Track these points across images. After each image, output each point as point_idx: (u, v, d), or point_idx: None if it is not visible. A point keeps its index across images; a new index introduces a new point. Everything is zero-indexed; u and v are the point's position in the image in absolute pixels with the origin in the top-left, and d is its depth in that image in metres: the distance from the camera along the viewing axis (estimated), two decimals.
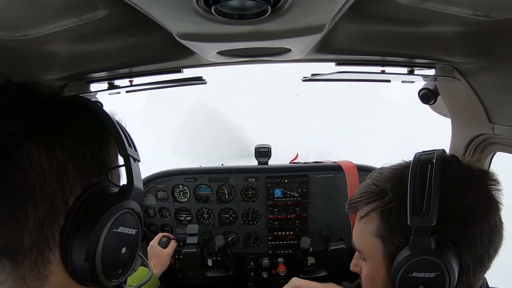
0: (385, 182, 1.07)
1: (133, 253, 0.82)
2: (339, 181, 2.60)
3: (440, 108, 1.99)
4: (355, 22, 1.29)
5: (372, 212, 1.07)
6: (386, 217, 1.03)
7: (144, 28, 1.18)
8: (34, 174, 0.67)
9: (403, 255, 0.96)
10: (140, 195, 0.83)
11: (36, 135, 0.68)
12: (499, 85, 1.42)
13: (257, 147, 2.75)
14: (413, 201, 0.94)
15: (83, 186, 0.74)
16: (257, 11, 0.86)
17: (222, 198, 2.67)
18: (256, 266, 2.72)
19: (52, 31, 1.01)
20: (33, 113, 0.72)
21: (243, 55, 1.44)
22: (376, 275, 1.08)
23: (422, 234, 0.93)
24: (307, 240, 2.42)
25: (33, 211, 0.67)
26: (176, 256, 2.62)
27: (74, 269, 0.72)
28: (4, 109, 0.70)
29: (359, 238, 1.14)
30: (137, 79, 1.73)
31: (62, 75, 1.43)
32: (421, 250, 0.94)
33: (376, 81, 1.93)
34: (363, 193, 1.12)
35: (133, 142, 0.87)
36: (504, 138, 1.56)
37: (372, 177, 1.14)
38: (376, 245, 1.06)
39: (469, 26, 1.22)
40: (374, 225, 1.06)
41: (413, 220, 0.94)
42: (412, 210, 0.94)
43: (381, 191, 1.06)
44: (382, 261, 1.05)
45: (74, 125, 0.77)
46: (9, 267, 0.69)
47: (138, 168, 0.85)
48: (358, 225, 1.15)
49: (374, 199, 1.07)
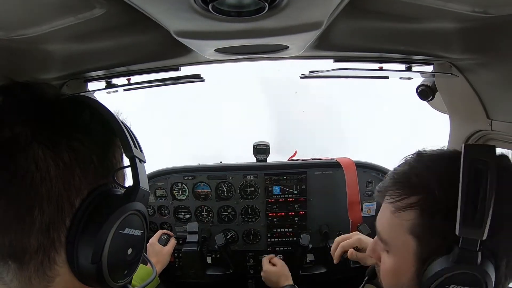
0: (428, 175, 0.95)
1: (138, 254, 0.82)
2: (338, 178, 2.61)
3: (438, 105, 1.99)
4: (353, 19, 1.29)
5: (410, 208, 0.96)
6: (428, 217, 0.93)
7: (142, 27, 1.18)
8: (41, 176, 0.67)
9: (443, 264, 0.89)
10: (146, 197, 0.83)
11: (42, 137, 0.68)
12: (497, 81, 1.42)
13: (255, 144, 2.75)
14: (465, 208, 0.85)
15: (89, 188, 0.74)
16: (254, 8, 0.86)
17: (221, 195, 2.67)
18: (255, 264, 2.72)
19: (49, 30, 1.00)
20: (38, 114, 0.71)
21: (241, 53, 1.44)
22: (402, 272, 1.00)
23: (470, 247, 0.85)
24: (307, 237, 2.42)
25: (40, 213, 0.67)
26: (175, 254, 2.62)
27: (80, 270, 0.72)
28: (9, 110, 0.70)
29: (389, 230, 1.04)
30: (134, 77, 1.73)
31: (60, 74, 1.42)
32: (466, 264, 0.86)
33: (374, 78, 1.93)
34: (399, 182, 1.00)
35: (139, 143, 0.86)
36: (503, 134, 1.57)
37: (410, 164, 1.01)
38: (409, 243, 0.97)
39: (467, 23, 1.22)
40: (411, 223, 0.96)
41: (462, 230, 0.85)
42: (462, 218, 0.85)
43: (424, 186, 0.94)
44: (413, 260, 0.96)
45: (80, 126, 0.77)
46: (15, 268, 0.69)
47: (143, 169, 0.85)
48: (388, 215, 1.03)
49: (414, 193, 0.96)
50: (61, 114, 0.75)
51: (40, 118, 0.71)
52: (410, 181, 0.97)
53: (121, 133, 0.80)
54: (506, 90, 1.40)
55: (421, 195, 0.94)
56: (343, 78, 1.85)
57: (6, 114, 0.69)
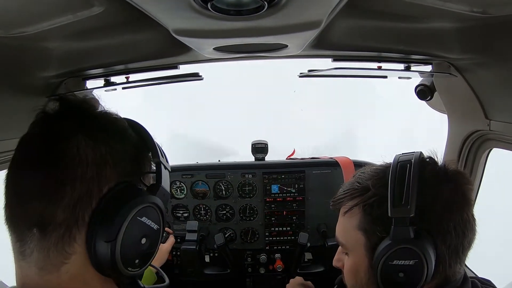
0: (367, 180, 1.13)
1: (152, 248, 0.87)
2: (336, 177, 2.60)
3: (437, 104, 1.99)
4: (352, 18, 1.29)
5: (355, 207, 1.12)
6: (368, 211, 1.08)
7: (140, 25, 1.18)
8: (80, 159, 0.77)
9: (384, 244, 1.03)
10: (166, 196, 0.92)
11: (86, 131, 0.80)
12: (495, 81, 1.43)
13: (254, 143, 2.74)
14: (393, 194, 1.02)
15: (118, 180, 0.82)
16: (253, 7, 0.86)
17: (219, 194, 2.66)
18: (253, 262, 2.72)
19: (48, 28, 1.00)
20: (87, 117, 0.85)
21: (240, 51, 1.44)
22: (358, 267, 1.13)
23: (402, 224, 1.00)
24: (305, 236, 2.42)
25: (71, 190, 0.76)
26: (173, 252, 2.61)
27: (96, 250, 0.78)
28: (65, 114, 0.83)
29: (342, 232, 1.20)
30: (133, 75, 1.73)
31: (58, 72, 1.42)
32: (401, 239, 1.00)
33: (372, 77, 1.93)
34: (346, 191, 1.19)
35: (165, 154, 0.99)
36: (501, 135, 1.57)
37: (355, 176, 1.20)
38: (359, 238, 1.11)
39: (466, 22, 1.22)
40: (357, 219, 1.11)
41: (393, 211, 1.01)
42: (392, 202, 1.01)
43: (363, 188, 1.12)
44: (365, 253, 1.10)
45: (118, 130, 0.88)
46: (38, 238, 0.76)
47: (167, 176, 0.96)
48: (341, 220, 1.21)
49: (357, 195, 1.13)
50: (105, 119, 0.88)
51: (87, 119, 0.84)
52: (353, 187, 1.15)
53: (151, 142, 0.94)
54: (504, 90, 1.41)
55: (362, 195, 1.11)
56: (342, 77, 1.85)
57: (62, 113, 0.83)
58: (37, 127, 0.83)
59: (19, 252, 0.79)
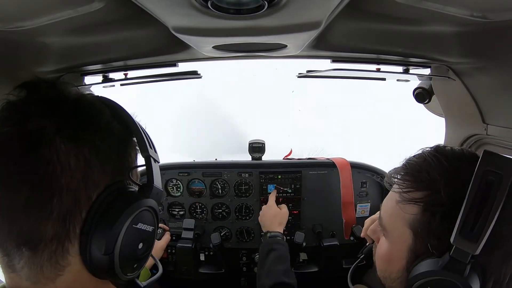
0: (439, 174, 0.92)
1: (148, 249, 0.86)
2: (333, 178, 2.60)
3: (435, 108, 2.00)
4: (351, 20, 1.29)
5: (414, 203, 0.95)
6: (428, 217, 0.91)
7: (140, 21, 1.17)
8: (61, 168, 0.70)
9: (431, 266, 0.88)
10: (159, 195, 0.86)
11: (66, 132, 0.72)
12: (494, 86, 1.43)
13: (251, 142, 2.74)
14: (465, 219, 0.83)
15: (106, 183, 0.77)
16: (253, 6, 0.86)
17: (216, 193, 2.66)
18: (248, 261, 2.72)
19: (47, 22, 1.00)
20: (63, 111, 0.75)
21: (239, 50, 1.44)
22: (393, 260, 1.01)
23: (461, 258, 0.84)
24: (301, 235, 2.42)
25: (58, 203, 0.70)
26: (168, 250, 2.61)
27: (92, 261, 0.75)
28: (35, 104, 0.74)
29: (390, 219, 1.03)
30: (132, 72, 1.72)
31: (56, 67, 1.42)
32: (452, 273, 0.85)
33: (371, 79, 1.93)
34: (410, 174, 0.99)
35: (153, 143, 0.90)
36: (498, 139, 1.57)
37: (425, 158, 0.98)
38: (406, 236, 0.96)
39: (465, 27, 1.22)
40: (411, 217, 0.95)
41: (457, 240, 0.84)
42: (461, 228, 0.83)
43: (432, 185, 0.92)
44: (406, 253, 0.97)
45: (102, 125, 0.80)
46: (28, 256, 0.71)
47: (157, 169, 0.88)
48: (393, 206, 1.02)
49: (421, 189, 0.94)
50: (84, 113, 0.78)
51: (64, 114, 0.74)
52: (420, 176, 0.95)
53: (138, 133, 0.85)
54: (502, 95, 1.41)
55: (427, 192, 0.93)
56: (340, 79, 1.85)
57: (31, 107, 0.73)
58: (7, 126, 0.70)
59: (7, 265, 0.74)
